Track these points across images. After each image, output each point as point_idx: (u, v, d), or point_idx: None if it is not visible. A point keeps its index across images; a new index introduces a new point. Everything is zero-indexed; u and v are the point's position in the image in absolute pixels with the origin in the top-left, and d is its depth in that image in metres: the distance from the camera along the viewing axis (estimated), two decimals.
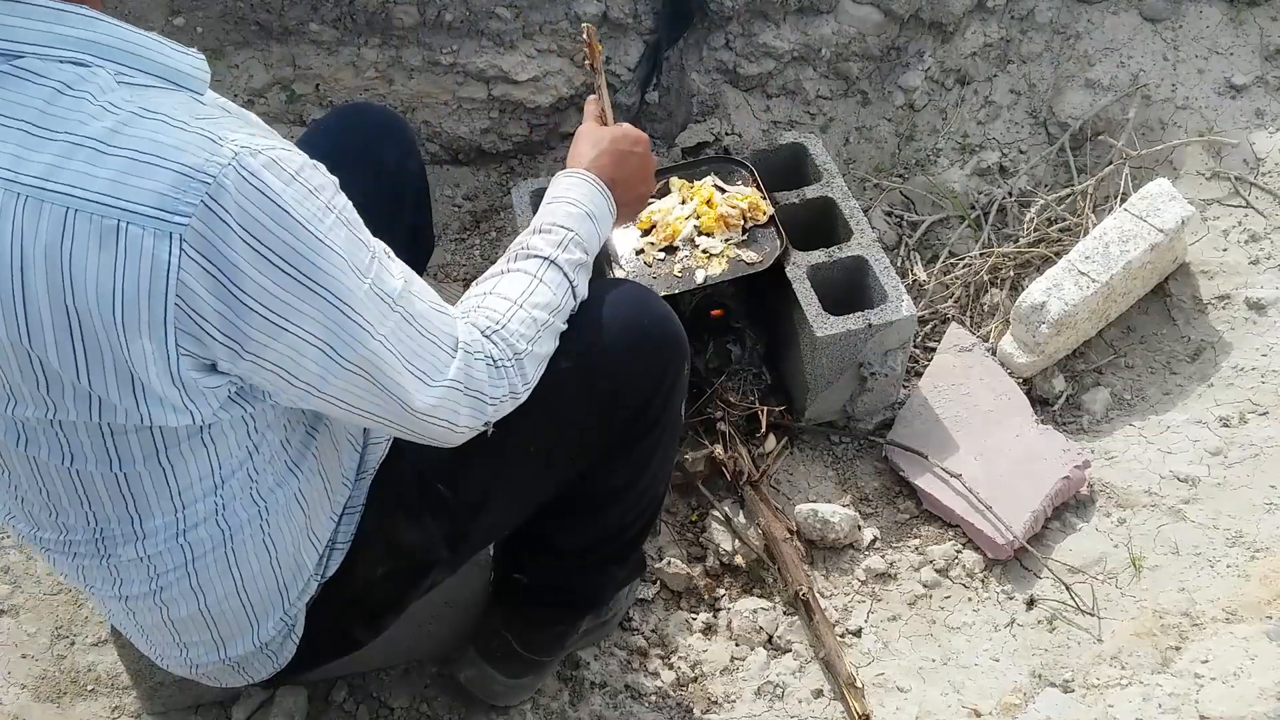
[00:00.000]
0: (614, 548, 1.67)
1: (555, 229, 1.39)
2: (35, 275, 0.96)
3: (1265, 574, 1.84)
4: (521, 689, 1.76)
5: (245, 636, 1.34)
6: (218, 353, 1.02)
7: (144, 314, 0.97)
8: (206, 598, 1.28)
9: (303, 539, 1.32)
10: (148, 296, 0.96)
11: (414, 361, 1.14)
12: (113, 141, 0.95)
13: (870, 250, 2.16)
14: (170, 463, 1.14)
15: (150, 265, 0.95)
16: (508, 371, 1.25)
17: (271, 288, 1.00)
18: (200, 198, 0.95)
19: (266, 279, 0.99)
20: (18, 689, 1.80)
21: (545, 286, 1.33)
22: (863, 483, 2.18)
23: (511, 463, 1.43)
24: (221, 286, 0.98)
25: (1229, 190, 2.49)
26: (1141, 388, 2.30)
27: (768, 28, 2.65)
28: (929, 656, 1.90)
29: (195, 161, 0.95)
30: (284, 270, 1.00)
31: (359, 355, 1.09)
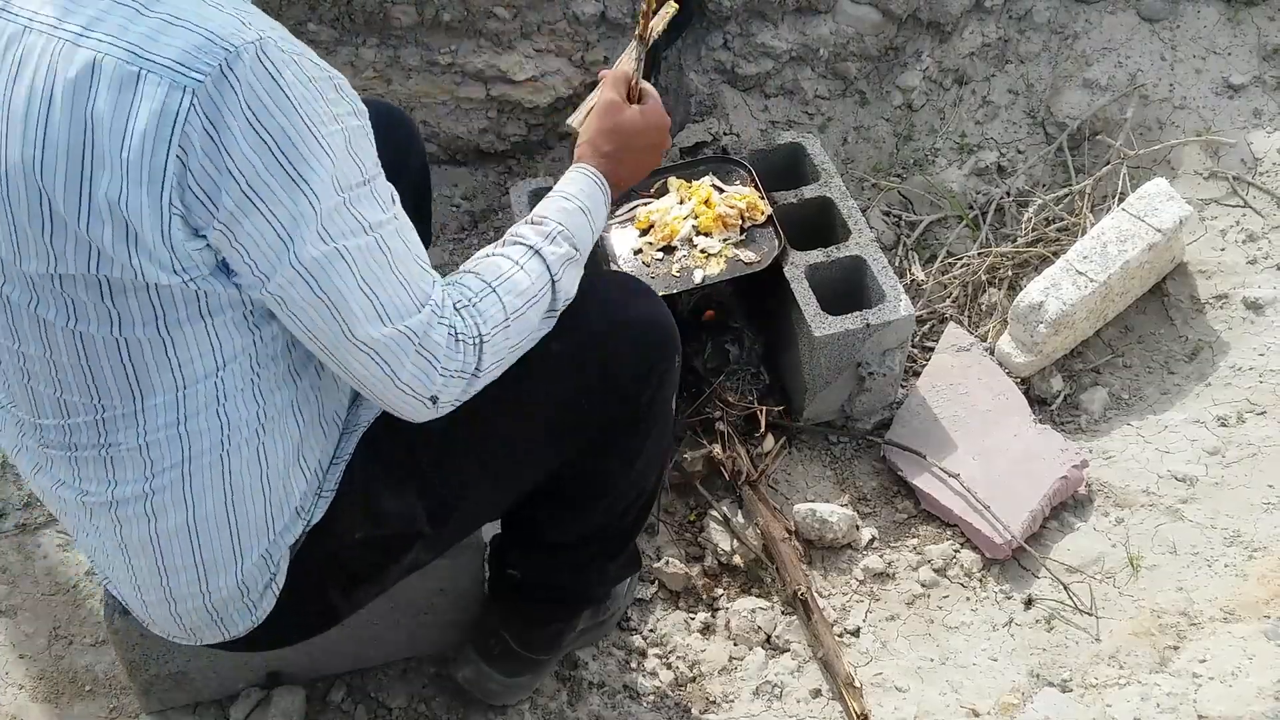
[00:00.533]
0: (606, 541, 1.67)
1: (546, 221, 1.38)
2: (59, 112, 1.04)
3: (1263, 573, 1.84)
4: (519, 688, 1.76)
5: (229, 570, 1.32)
6: (198, 214, 1.06)
7: (147, 160, 1.03)
8: (196, 509, 1.27)
9: (294, 460, 1.31)
10: (153, 142, 1.02)
11: (375, 290, 1.15)
12: (152, 7, 1.04)
13: (868, 250, 2.17)
14: (169, 334, 1.15)
15: (160, 112, 1.02)
16: (466, 348, 1.24)
17: (255, 161, 1.05)
18: (219, 61, 1.02)
19: (254, 153, 1.04)
20: (15, 689, 1.79)
21: (525, 274, 1.32)
22: (861, 482, 2.18)
23: (499, 442, 1.43)
24: (214, 146, 1.03)
25: (1227, 190, 2.49)
26: (1139, 387, 2.31)
27: (766, 27, 2.65)
28: (927, 656, 1.90)
29: (223, 31, 1.03)
30: (270, 149, 1.05)
31: (311, 257, 1.10)
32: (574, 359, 1.42)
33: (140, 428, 1.22)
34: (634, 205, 2.22)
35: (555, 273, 1.35)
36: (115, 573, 1.36)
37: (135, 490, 1.25)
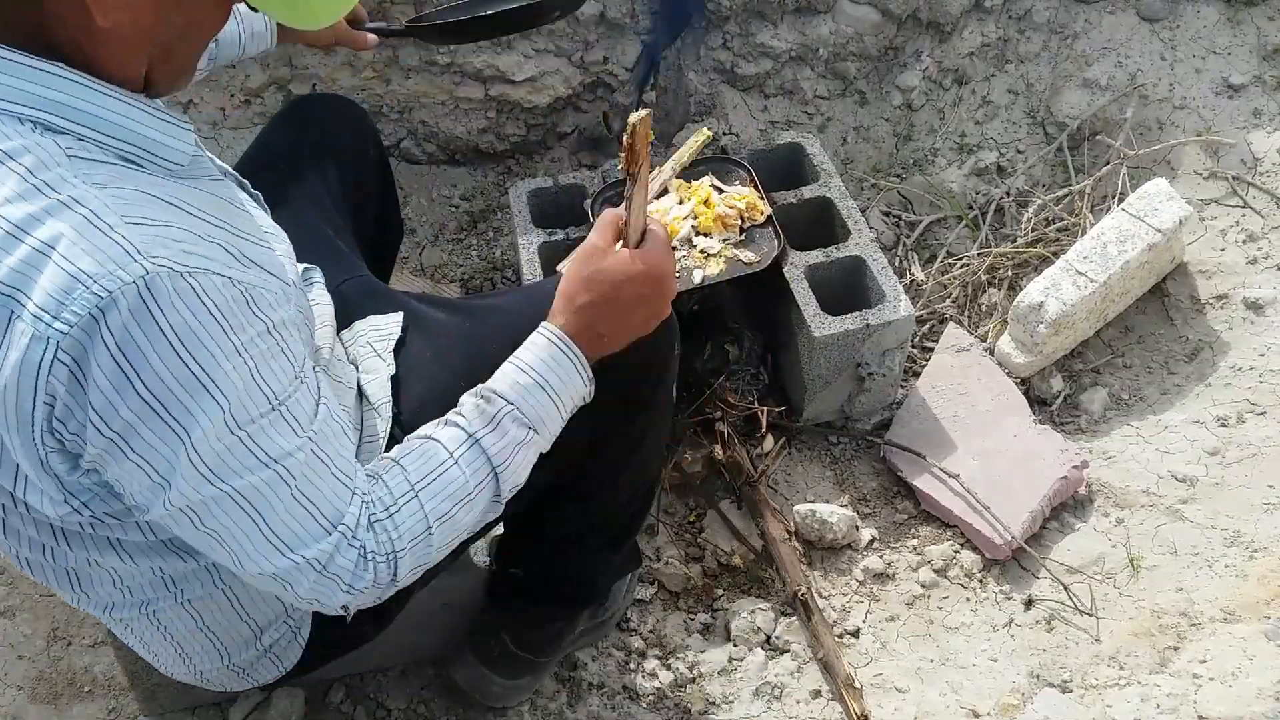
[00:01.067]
0: (607, 534, 1.67)
1: (494, 399, 1.20)
2: None
3: (1263, 574, 1.84)
4: (519, 690, 1.76)
5: (248, 644, 1.34)
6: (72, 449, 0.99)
7: (19, 408, 0.95)
8: (204, 617, 1.28)
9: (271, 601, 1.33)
10: (17, 391, 0.94)
11: (271, 525, 1.05)
12: (29, 229, 0.92)
13: (868, 250, 2.16)
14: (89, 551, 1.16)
15: (22, 362, 0.92)
16: (379, 567, 1.13)
17: (124, 411, 0.95)
18: (89, 309, 0.91)
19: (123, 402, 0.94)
20: (14, 690, 1.79)
21: (458, 469, 1.17)
22: (861, 483, 2.18)
23: None
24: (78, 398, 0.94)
25: (1226, 190, 2.49)
26: (1139, 388, 2.30)
27: (765, 27, 2.65)
28: (927, 657, 1.90)
29: (96, 272, 0.91)
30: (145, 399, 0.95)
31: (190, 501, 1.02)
32: None
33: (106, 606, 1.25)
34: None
35: (498, 463, 1.19)
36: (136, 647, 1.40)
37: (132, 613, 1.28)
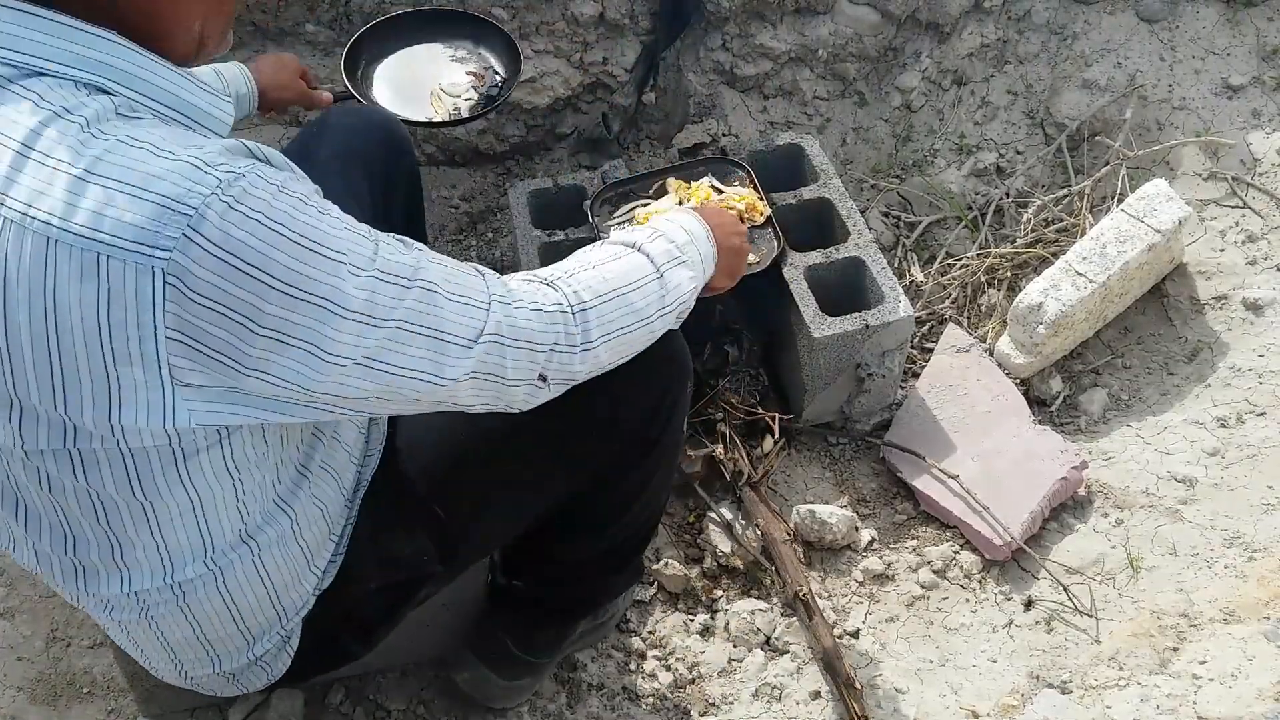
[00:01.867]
0: (613, 560, 1.67)
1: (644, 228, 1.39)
2: (17, 298, 0.95)
3: (1263, 575, 1.84)
4: (519, 691, 1.76)
5: (240, 653, 1.34)
6: (221, 377, 1.00)
7: (134, 346, 0.95)
8: (201, 626, 1.28)
9: (303, 570, 1.31)
10: (136, 329, 0.94)
11: (442, 330, 1.08)
12: (95, 170, 0.93)
13: (867, 251, 2.16)
14: (146, 496, 1.11)
15: (135, 300, 0.93)
16: (566, 317, 1.19)
17: (266, 307, 0.96)
18: (182, 230, 0.92)
19: (260, 299, 0.96)
20: (14, 691, 1.79)
21: (622, 262, 1.29)
22: (860, 484, 2.18)
23: (505, 479, 1.43)
24: (214, 313, 0.95)
25: (1226, 191, 2.49)
26: (1139, 388, 2.30)
27: (765, 28, 2.65)
28: (927, 658, 1.90)
29: (176, 192, 0.92)
30: (276, 289, 0.96)
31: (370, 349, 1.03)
32: (583, 395, 1.38)
33: (124, 579, 1.21)
34: (633, 206, 2.21)
35: (659, 264, 1.31)
36: (124, 646, 1.38)
37: (131, 616, 1.26)
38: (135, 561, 1.19)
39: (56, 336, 0.95)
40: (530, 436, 1.39)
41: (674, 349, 1.47)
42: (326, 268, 0.99)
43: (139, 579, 1.20)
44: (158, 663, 1.36)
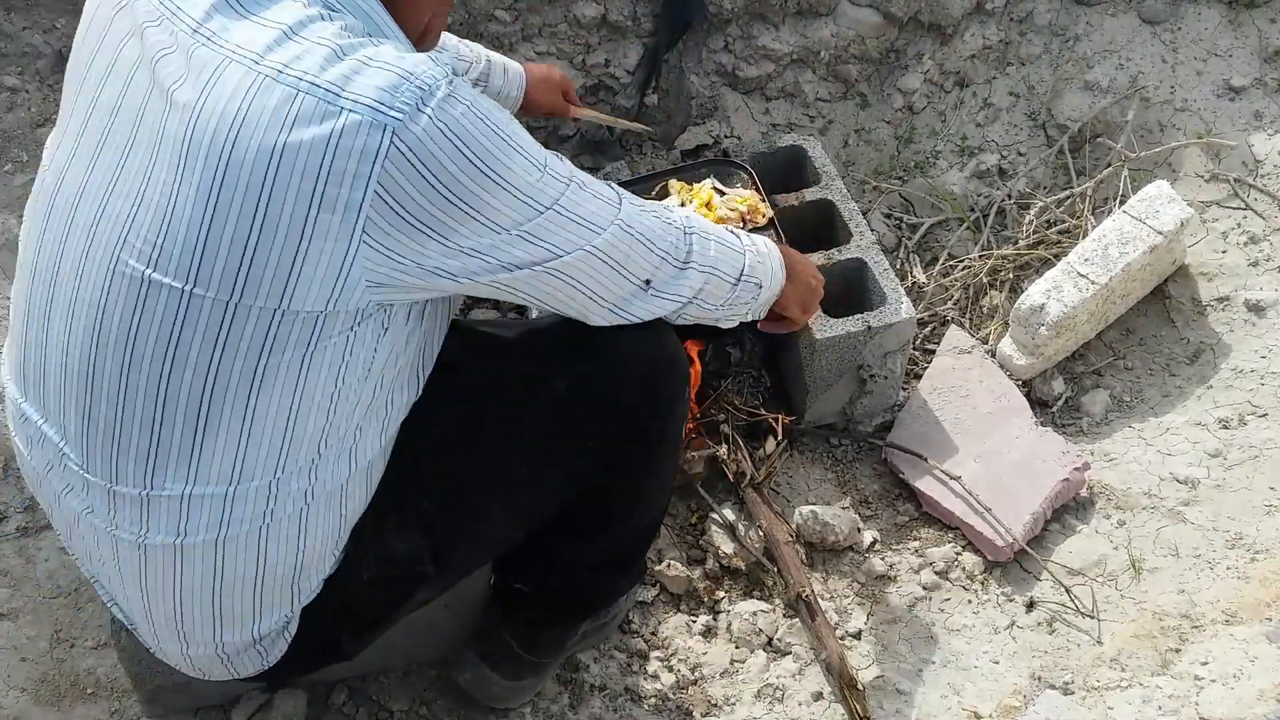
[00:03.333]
0: (614, 563, 1.67)
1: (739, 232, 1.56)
2: (250, 138, 1.07)
3: (1265, 576, 1.84)
4: (521, 691, 1.76)
5: (245, 626, 1.33)
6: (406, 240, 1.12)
7: (343, 193, 1.08)
8: (224, 573, 1.26)
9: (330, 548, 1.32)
10: (351, 178, 1.07)
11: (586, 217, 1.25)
12: (348, 51, 1.10)
13: (869, 252, 2.17)
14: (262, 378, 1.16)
15: (360, 151, 1.06)
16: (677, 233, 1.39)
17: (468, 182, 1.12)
18: (415, 99, 1.08)
19: (464, 175, 1.11)
20: (17, 692, 1.79)
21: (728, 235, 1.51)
22: (862, 485, 2.18)
23: (502, 483, 1.43)
24: (422, 179, 1.09)
25: (1228, 192, 2.49)
26: (1141, 390, 2.31)
27: (766, 30, 2.65)
28: (928, 659, 1.90)
29: (415, 71, 1.09)
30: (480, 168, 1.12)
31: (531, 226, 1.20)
32: (580, 401, 1.41)
33: (189, 477, 1.21)
34: None
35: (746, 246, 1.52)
36: (130, 605, 1.36)
37: (166, 540, 1.24)
38: (210, 455, 1.19)
39: (275, 176, 1.07)
40: (524, 439, 1.39)
41: (671, 351, 1.48)
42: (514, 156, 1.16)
43: (204, 479, 1.20)
44: (159, 618, 1.33)
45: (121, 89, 1.18)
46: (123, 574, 1.31)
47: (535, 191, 1.19)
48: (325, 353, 1.17)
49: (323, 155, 1.06)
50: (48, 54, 2.52)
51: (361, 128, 1.06)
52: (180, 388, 1.16)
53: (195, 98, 1.10)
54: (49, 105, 2.50)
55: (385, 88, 1.07)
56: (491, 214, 1.16)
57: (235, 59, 1.10)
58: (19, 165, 2.44)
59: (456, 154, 1.10)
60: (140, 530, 1.25)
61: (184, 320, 1.13)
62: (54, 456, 1.29)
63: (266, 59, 1.09)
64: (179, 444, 1.19)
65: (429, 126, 1.08)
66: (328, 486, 1.27)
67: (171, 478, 1.21)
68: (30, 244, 1.29)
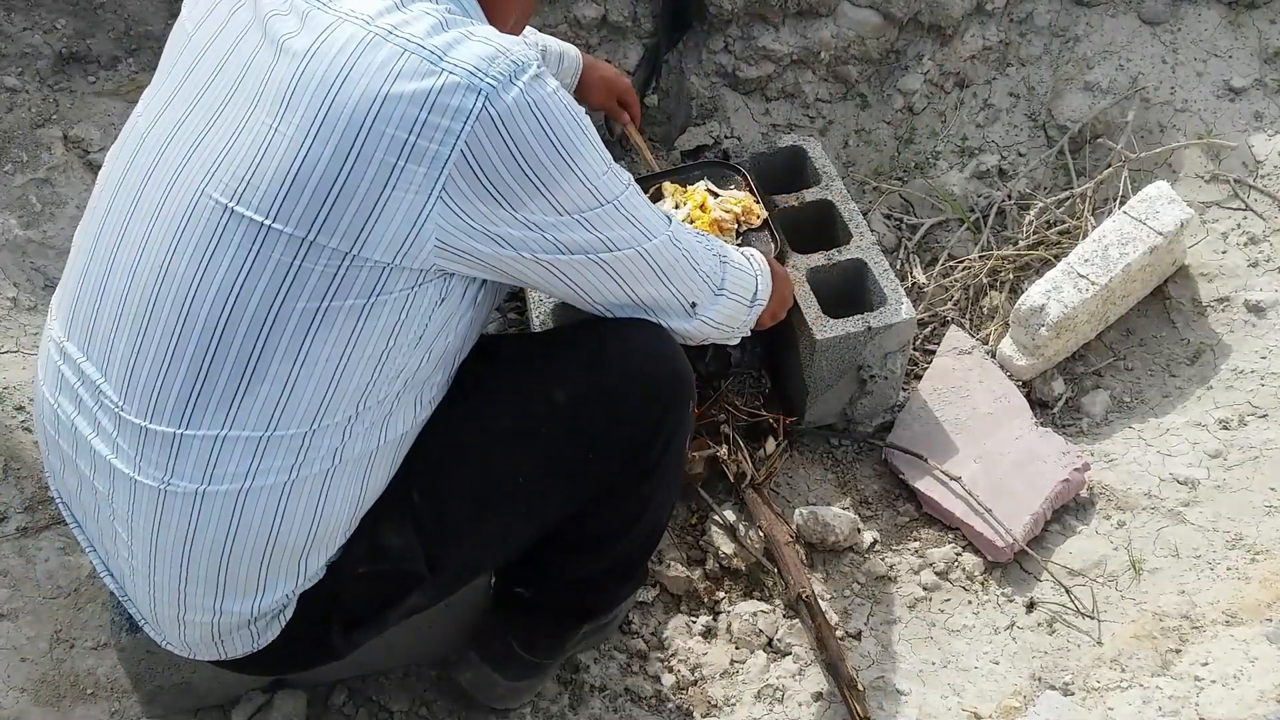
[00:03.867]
0: (616, 573, 1.68)
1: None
2: (355, 84, 1.15)
3: (1265, 576, 1.84)
4: (522, 691, 1.76)
5: (246, 599, 1.31)
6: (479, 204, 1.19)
7: (432, 147, 1.15)
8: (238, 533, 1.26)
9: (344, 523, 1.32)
10: (443, 133, 1.15)
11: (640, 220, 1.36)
12: (451, 25, 1.20)
13: (869, 253, 2.16)
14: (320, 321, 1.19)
15: (454, 110, 1.15)
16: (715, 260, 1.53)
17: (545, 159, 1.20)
18: (509, 71, 1.17)
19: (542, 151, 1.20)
20: (17, 693, 1.79)
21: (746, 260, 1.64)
22: (862, 485, 2.18)
23: (500, 491, 1.42)
24: (507, 148, 1.17)
25: (1228, 193, 2.49)
26: (1141, 390, 2.31)
27: (766, 31, 2.66)
28: (929, 659, 1.90)
29: (510, 47, 1.19)
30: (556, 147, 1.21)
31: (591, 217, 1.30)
32: (581, 413, 1.40)
33: (227, 419, 1.22)
34: None
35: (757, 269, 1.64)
36: (135, 563, 1.33)
37: (189, 487, 1.24)
38: (254, 397, 1.21)
39: (373, 122, 1.14)
40: (531, 448, 1.39)
41: (677, 368, 1.47)
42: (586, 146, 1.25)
43: (240, 423, 1.21)
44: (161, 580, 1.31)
45: (230, 46, 1.25)
46: (134, 528, 1.30)
47: (601, 184, 1.28)
48: (385, 306, 1.22)
49: (420, 108, 1.14)
50: (48, 54, 2.52)
51: (459, 89, 1.15)
52: (240, 323, 1.20)
53: (307, 47, 1.18)
54: (49, 105, 2.51)
55: (484, 57, 1.16)
56: (560, 195, 1.24)
57: (348, 19, 1.18)
58: (19, 165, 2.44)
59: (539, 130, 1.19)
60: (164, 475, 1.24)
61: (258, 254, 1.18)
62: (88, 395, 1.30)
63: (378, 21, 1.18)
64: (225, 382, 1.21)
65: (519, 98, 1.17)
66: (356, 451, 1.28)
67: (210, 418, 1.22)
68: (108, 186, 1.31)
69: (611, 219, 1.31)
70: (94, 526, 1.39)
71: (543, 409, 1.39)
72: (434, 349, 1.31)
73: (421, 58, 1.16)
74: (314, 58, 1.17)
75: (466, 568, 1.54)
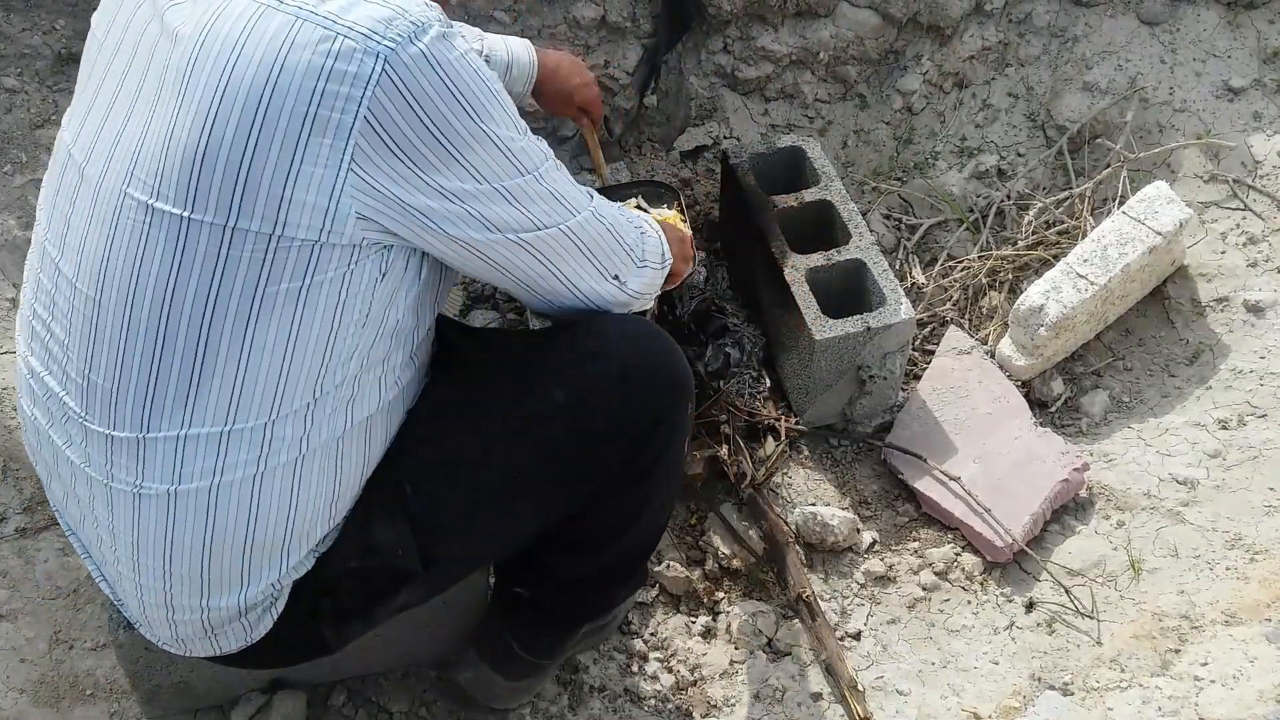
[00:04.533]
0: (615, 574, 1.67)
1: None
2: (248, 59, 1.12)
3: (1264, 576, 1.84)
4: (521, 691, 1.76)
5: (233, 592, 1.31)
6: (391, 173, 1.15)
7: (334, 116, 1.11)
8: (214, 528, 1.25)
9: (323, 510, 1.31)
10: (344, 101, 1.11)
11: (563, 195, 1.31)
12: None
13: (869, 253, 2.17)
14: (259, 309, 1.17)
15: (354, 76, 1.11)
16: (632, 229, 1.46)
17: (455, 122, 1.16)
18: (408, 32, 1.13)
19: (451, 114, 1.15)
20: (16, 694, 1.79)
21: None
22: (862, 486, 2.18)
23: (497, 488, 1.41)
24: (410, 110, 1.13)
25: (1227, 193, 2.50)
26: (1140, 390, 2.31)
27: (766, 31, 2.66)
28: (928, 659, 1.90)
29: (410, 6, 1.14)
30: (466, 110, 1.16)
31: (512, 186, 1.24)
32: (579, 411, 1.40)
33: (185, 418, 1.21)
34: None
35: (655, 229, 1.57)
36: (121, 568, 1.34)
37: (160, 488, 1.24)
38: (207, 392, 1.19)
39: (270, 96, 1.11)
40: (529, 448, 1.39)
41: (676, 368, 1.47)
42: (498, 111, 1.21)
43: (200, 419, 1.20)
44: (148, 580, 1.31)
45: (135, 43, 1.23)
46: (116, 533, 1.30)
47: (519, 151, 1.24)
48: (322, 288, 1.19)
49: (317, 77, 1.11)
50: (47, 55, 2.52)
51: (355, 53, 1.11)
52: (180, 322, 1.18)
53: (201, 29, 1.15)
54: (48, 106, 2.50)
55: (379, 19, 1.12)
56: (475, 160, 1.20)
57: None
58: (18, 166, 2.44)
59: (444, 91, 1.15)
60: (135, 479, 1.24)
61: (184, 247, 1.16)
62: (56, 408, 1.30)
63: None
64: (176, 382, 1.20)
65: (419, 58, 1.13)
66: (323, 436, 1.27)
67: (168, 420, 1.21)
68: (44, 205, 1.32)
69: (533, 192, 1.26)
70: (84, 533, 1.39)
71: (541, 407, 1.38)
72: (385, 326, 1.28)
73: (315, 24, 1.12)
74: (207, 37, 1.14)
75: (461, 564, 1.53)
